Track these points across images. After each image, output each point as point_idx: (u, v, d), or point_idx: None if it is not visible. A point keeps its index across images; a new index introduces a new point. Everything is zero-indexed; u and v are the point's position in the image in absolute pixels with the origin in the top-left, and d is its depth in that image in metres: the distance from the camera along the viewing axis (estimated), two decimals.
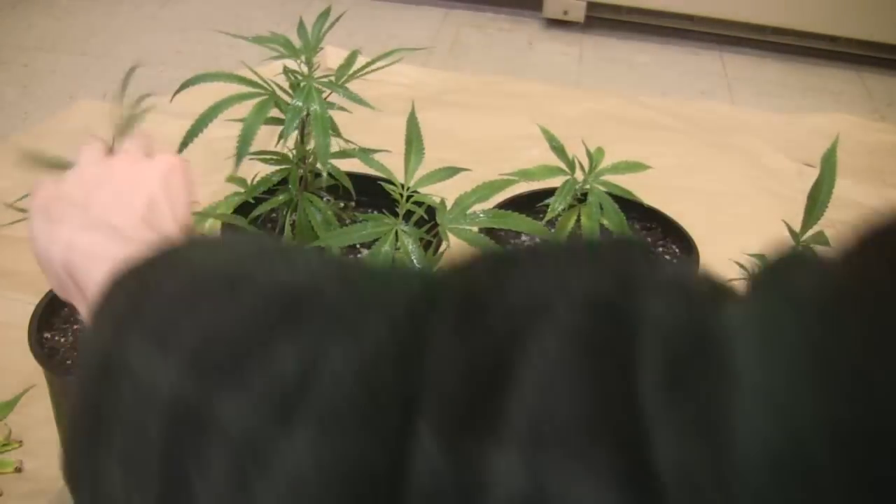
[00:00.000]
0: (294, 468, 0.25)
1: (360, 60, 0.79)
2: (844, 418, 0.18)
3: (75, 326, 0.71)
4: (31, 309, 0.71)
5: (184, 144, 0.69)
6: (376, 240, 0.72)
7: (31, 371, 0.70)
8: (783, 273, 0.22)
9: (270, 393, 0.27)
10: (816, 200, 0.69)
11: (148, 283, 0.34)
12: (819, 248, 0.68)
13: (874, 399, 0.18)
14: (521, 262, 0.27)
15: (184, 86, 0.72)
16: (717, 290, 0.24)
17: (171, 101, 0.74)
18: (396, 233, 0.72)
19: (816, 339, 0.19)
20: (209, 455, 0.28)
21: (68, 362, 0.68)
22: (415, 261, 0.71)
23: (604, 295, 0.23)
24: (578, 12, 1.88)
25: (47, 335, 0.70)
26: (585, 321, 0.23)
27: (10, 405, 0.85)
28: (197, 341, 0.30)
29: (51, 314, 0.71)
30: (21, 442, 0.84)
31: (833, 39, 1.86)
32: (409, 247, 0.72)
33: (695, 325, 0.22)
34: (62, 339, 0.70)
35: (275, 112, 0.75)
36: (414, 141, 0.77)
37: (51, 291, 0.72)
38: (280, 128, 0.76)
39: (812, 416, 0.18)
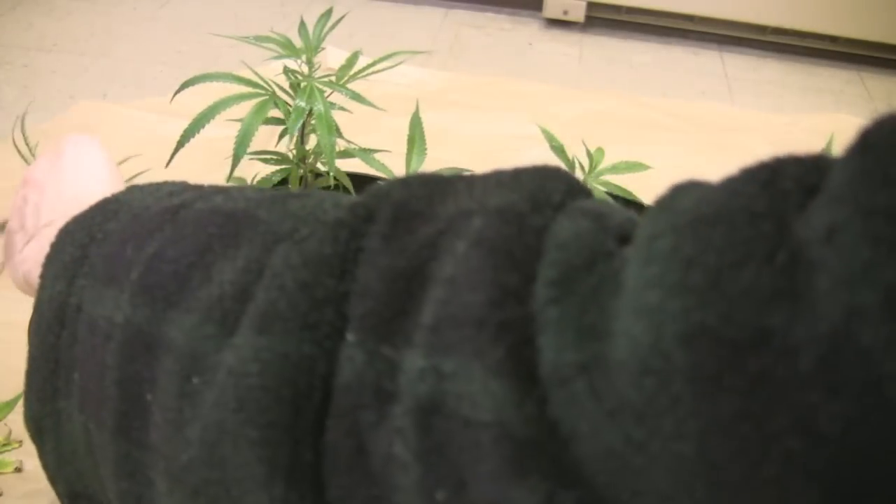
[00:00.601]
0: (236, 369, 0.26)
1: (362, 61, 0.79)
2: (700, 323, 0.19)
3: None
4: (31, 309, 0.71)
5: (180, 144, 0.69)
6: None
7: None
8: (670, 198, 0.23)
9: (211, 307, 0.28)
10: None
11: (92, 231, 0.35)
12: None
13: (725, 307, 0.18)
14: (453, 183, 0.28)
15: (183, 86, 0.72)
16: (629, 221, 0.25)
17: (171, 101, 0.74)
18: None
19: (684, 251, 0.20)
20: (158, 371, 0.29)
21: None
22: None
23: (515, 208, 0.25)
24: (578, 12, 1.88)
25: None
26: (493, 228, 0.24)
27: (10, 405, 0.85)
28: (142, 269, 0.31)
29: None
30: (21, 442, 0.84)
31: (833, 39, 1.86)
32: None
33: (594, 241, 0.23)
34: None
35: (275, 112, 0.75)
36: (417, 141, 0.77)
37: None
38: (280, 128, 0.76)
39: (673, 321, 0.19)
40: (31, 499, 0.80)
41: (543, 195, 0.25)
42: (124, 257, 0.32)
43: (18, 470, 0.82)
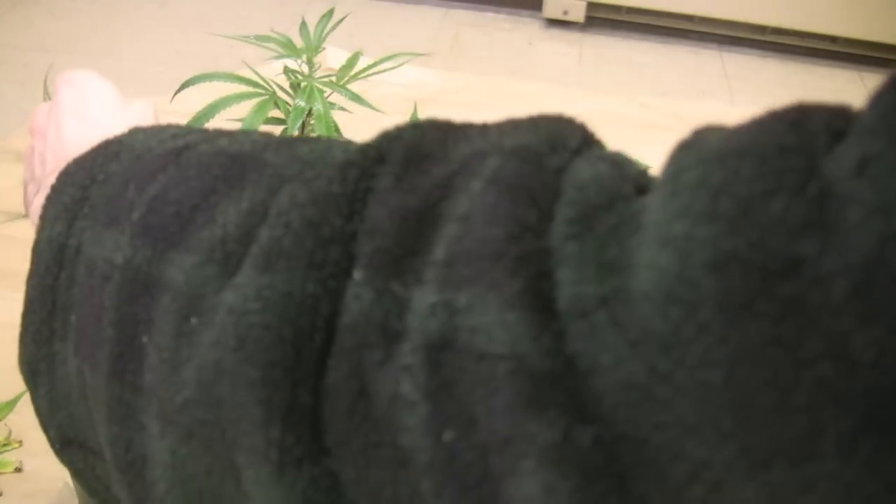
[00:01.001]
0: (237, 308, 0.25)
1: (362, 61, 0.79)
2: (730, 250, 0.18)
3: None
4: None
5: None
6: None
7: None
8: (694, 138, 0.22)
9: (213, 248, 0.27)
10: None
11: (93, 172, 0.34)
12: None
13: (755, 235, 0.18)
14: (467, 128, 0.27)
15: (183, 86, 0.72)
16: (644, 174, 0.24)
17: (172, 101, 0.74)
18: None
19: (712, 181, 0.20)
20: (155, 311, 0.28)
21: None
22: None
23: (532, 148, 0.24)
24: (578, 12, 1.88)
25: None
26: (510, 167, 0.24)
27: (10, 405, 0.85)
28: (143, 210, 0.30)
29: None
30: (21, 442, 0.84)
31: (833, 39, 1.86)
32: None
33: (613, 184, 0.23)
34: None
35: (275, 112, 0.75)
36: None
37: None
38: (280, 128, 0.76)
39: (702, 249, 0.19)
40: (31, 499, 0.80)
41: (561, 139, 0.25)
42: (126, 198, 0.31)
43: (18, 470, 0.82)
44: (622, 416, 0.20)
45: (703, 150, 0.21)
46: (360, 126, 0.85)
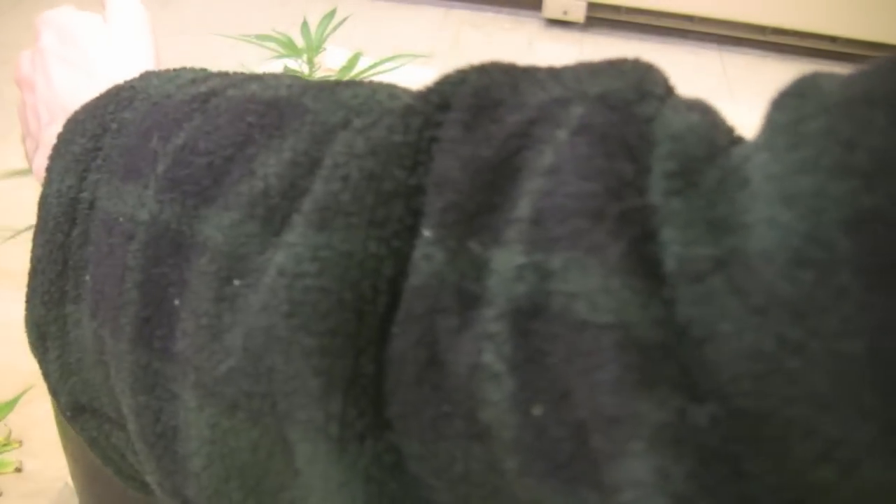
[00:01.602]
0: (289, 269, 0.23)
1: (362, 61, 0.79)
2: (870, 207, 0.17)
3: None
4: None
5: None
6: None
7: (31, 371, 0.70)
8: (801, 86, 0.20)
9: (254, 203, 0.25)
10: None
11: (105, 121, 0.31)
12: None
13: None
14: (536, 72, 0.25)
15: None
16: (735, 132, 0.22)
17: None
18: None
19: (842, 132, 0.18)
20: (190, 273, 0.26)
21: None
22: None
23: (619, 94, 0.22)
24: (578, 12, 1.88)
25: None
26: (599, 115, 0.21)
27: (10, 405, 0.85)
28: (169, 162, 0.27)
29: None
30: (21, 442, 0.84)
31: (833, 39, 1.86)
32: None
33: (708, 135, 0.21)
34: None
35: None
36: None
37: None
38: None
39: (836, 206, 0.17)
40: (31, 499, 0.80)
41: (647, 84, 0.23)
42: (147, 149, 0.28)
43: (18, 470, 0.82)
44: (743, 390, 0.18)
45: (824, 98, 0.19)
46: None
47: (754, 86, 1.77)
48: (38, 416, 0.83)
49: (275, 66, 0.81)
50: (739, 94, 1.73)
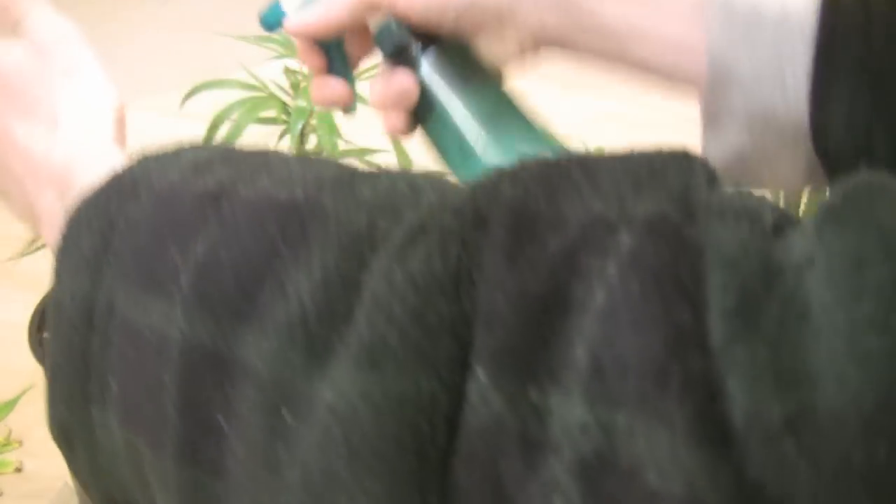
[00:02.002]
0: (340, 410, 0.23)
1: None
2: None
3: None
4: (31, 309, 0.71)
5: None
6: None
7: (31, 371, 0.70)
8: (860, 198, 0.19)
9: (293, 329, 0.24)
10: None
11: (110, 216, 0.30)
12: None
13: None
14: (574, 174, 0.24)
15: (191, 93, 0.73)
16: (781, 215, 0.22)
17: (182, 105, 0.74)
18: None
19: None
20: (237, 399, 0.25)
21: None
22: None
23: (666, 217, 0.21)
24: None
25: (47, 335, 0.70)
26: (648, 245, 0.21)
27: (10, 405, 0.85)
28: (194, 277, 0.27)
29: None
30: (21, 442, 0.84)
31: None
32: None
33: (761, 252, 0.20)
34: None
35: (275, 112, 0.75)
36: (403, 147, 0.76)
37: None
38: (281, 128, 0.76)
39: None
40: (31, 499, 0.80)
41: (691, 194, 0.22)
42: (164, 258, 0.28)
43: (18, 470, 0.82)
44: None
45: (888, 237, 0.18)
46: (360, 126, 0.84)
47: None
48: (38, 416, 0.83)
49: (275, 66, 0.81)
50: None
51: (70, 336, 0.31)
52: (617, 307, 0.20)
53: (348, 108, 0.54)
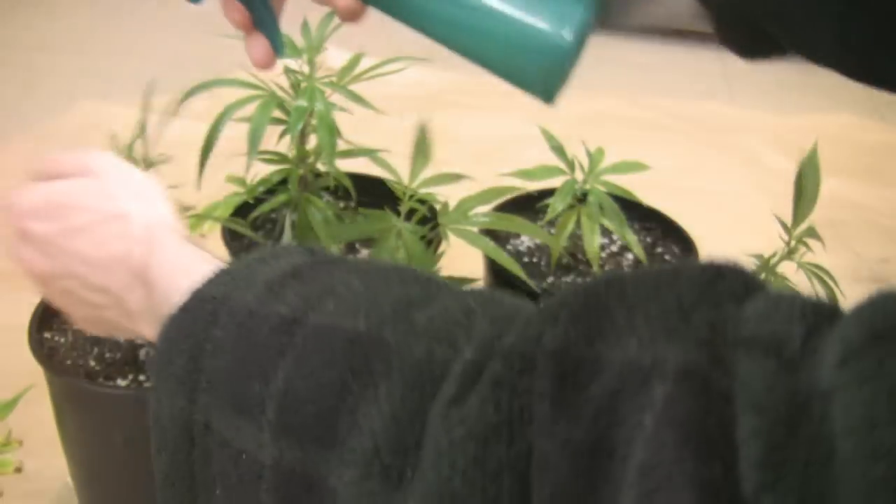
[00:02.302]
0: None
1: (364, 62, 0.79)
2: None
3: (75, 326, 0.71)
4: (31, 309, 0.71)
5: (205, 151, 0.70)
6: (372, 239, 0.72)
7: (31, 371, 0.70)
8: (882, 346, 0.20)
9: (369, 461, 0.28)
10: (802, 195, 0.69)
11: (198, 340, 0.34)
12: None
13: None
14: (609, 309, 0.26)
15: (189, 93, 0.73)
16: (813, 324, 0.23)
17: (180, 104, 0.74)
18: (399, 231, 0.72)
19: None
20: None
21: (68, 362, 0.68)
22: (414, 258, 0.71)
23: (697, 370, 0.23)
24: None
25: (47, 335, 0.70)
26: (679, 398, 0.23)
27: (10, 405, 0.85)
28: (277, 406, 0.31)
29: (51, 314, 0.71)
30: (21, 442, 0.84)
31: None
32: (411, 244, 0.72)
33: (788, 389, 0.21)
34: (62, 339, 0.70)
35: (275, 112, 0.75)
36: (421, 146, 0.76)
37: None
38: (281, 127, 0.76)
39: None
40: (31, 499, 0.80)
41: (720, 334, 0.23)
42: (249, 385, 0.32)
43: (18, 470, 0.82)
44: None
45: None
46: (360, 125, 0.85)
47: (754, 86, 1.77)
48: (38, 416, 0.83)
49: (275, 66, 0.81)
50: (739, 95, 1.73)
51: (175, 452, 0.34)
52: (654, 463, 0.22)
53: (276, 55, 0.53)
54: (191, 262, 0.39)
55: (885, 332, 0.20)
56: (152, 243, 0.41)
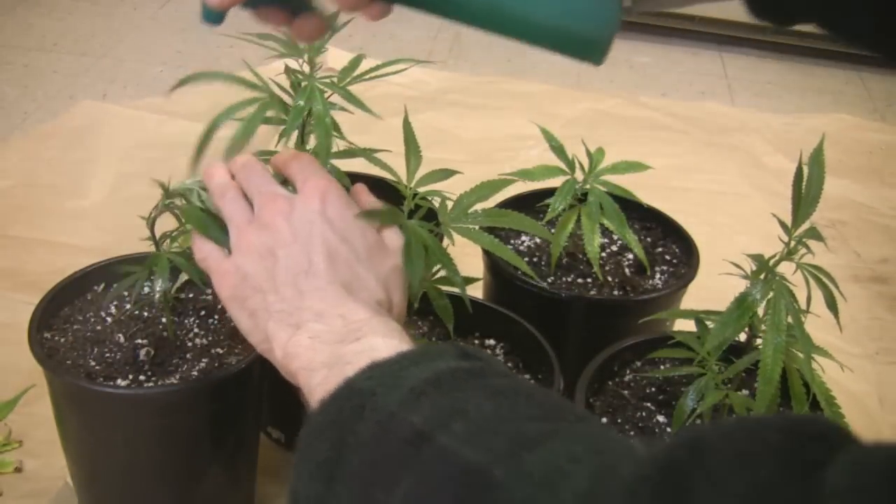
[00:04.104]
0: None
1: (364, 63, 0.79)
2: None
3: (75, 326, 0.71)
4: (31, 309, 0.71)
5: (199, 150, 0.70)
6: None
7: (31, 371, 0.70)
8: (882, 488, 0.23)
9: None
10: (801, 196, 0.69)
11: (343, 432, 0.37)
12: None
13: None
14: (695, 496, 0.27)
15: (182, 83, 0.72)
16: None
17: (170, 98, 0.74)
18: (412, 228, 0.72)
19: None
20: None
21: (68, 362, 0.68)
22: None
23: None
24: None
25: (47, 335, 0.70)
26: None
27: (10, 405, 0.85)
28: None
29: (51, 314, 0.71)
30: (21, 442, 0.84)
31: (833, 40, 1.86)
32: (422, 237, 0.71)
33: None
34: (62, 339, 0.70)
35: (275, 112, 0.75)
36: (411, 145, 0.76)
37: (51, 291, 0.72)
38: (281, 128, 0.76)
39: None
40: (31, 499, 0.80)
41: None
42: (375, 496, 0.35)
43: (18, 470, 0.82)
44: None
45: None
46: (360, 125, 0.85)
47: (754, 86, 1.77)
48: (38, 416, 0.83)
49: (275, 66, 0.81)
50: (739, 94, 1.73)
51: None
52: None
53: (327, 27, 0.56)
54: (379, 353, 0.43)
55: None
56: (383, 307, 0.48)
